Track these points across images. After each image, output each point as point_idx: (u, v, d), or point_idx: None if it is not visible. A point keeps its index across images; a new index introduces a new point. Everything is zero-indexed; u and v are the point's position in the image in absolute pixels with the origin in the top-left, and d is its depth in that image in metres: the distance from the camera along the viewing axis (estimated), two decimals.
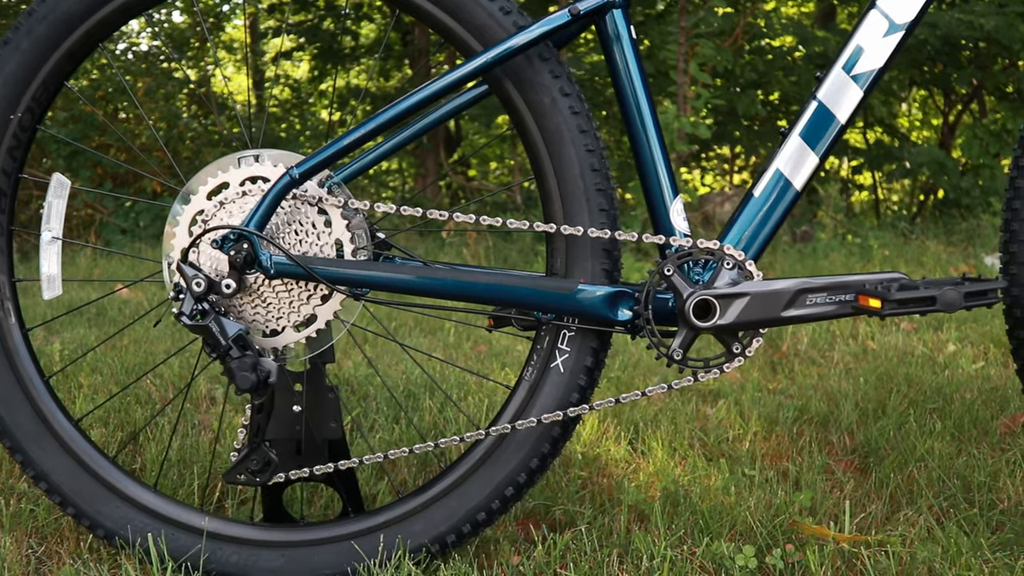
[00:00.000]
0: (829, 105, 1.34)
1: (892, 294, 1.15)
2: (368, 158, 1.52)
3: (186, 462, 1.87)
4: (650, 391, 1.35)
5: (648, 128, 1.36)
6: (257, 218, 1.31)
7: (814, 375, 2.79)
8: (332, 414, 1.50)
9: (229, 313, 1.39)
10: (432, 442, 1.39)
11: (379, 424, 2.21)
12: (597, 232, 1.33)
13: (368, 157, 1.52)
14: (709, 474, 1.87)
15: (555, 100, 1.35)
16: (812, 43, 7.45)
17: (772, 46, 8.06)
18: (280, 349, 1.42)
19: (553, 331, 1.38)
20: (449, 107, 1.50)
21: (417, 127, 1.51)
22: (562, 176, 1.35)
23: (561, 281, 1.33)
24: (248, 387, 1.32)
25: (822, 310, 1.27)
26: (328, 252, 1.37)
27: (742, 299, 1.28)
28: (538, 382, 1.39)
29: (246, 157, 1.40)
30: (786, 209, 1.36)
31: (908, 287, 1.19)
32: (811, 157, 1.35)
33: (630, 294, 1.32)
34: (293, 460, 1.50)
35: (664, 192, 1.37)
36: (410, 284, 1.31)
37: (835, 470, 1.89)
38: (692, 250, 1.32)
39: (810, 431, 2.14)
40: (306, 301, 1.39)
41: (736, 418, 2.28)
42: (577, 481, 1.85)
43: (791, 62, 8.01)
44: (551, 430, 1.39)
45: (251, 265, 1.32)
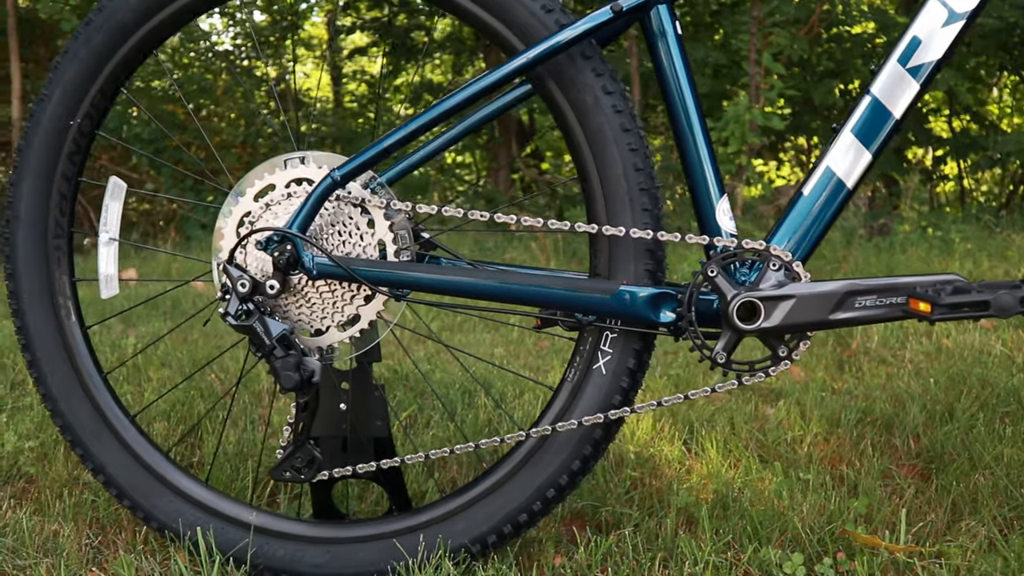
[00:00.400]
0: (884, 100, 1.29)
1: (943, 298, 1.10)
2: (413, 159, 1.53)
3: (242, 456, 1.91)
4: (693, 395, 1.32)
5: (694, 126, 1.34)
6: (300, 220, 1.33)
7: (883, 375, 2.70)
8: (378, 412, 1.52)
9: (275, 313, 1.41)
10: (473, 443, 1.39)
11: (435, 421, 2.23)
12: (639, 232, 1.31)
13: (413, 158, 1.53)
14: (763, 477, 1.83)
15: (598, 99, 1.33)
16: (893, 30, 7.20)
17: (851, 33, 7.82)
18: (325, 348, 1.43)
19: (595, 333, 1.37)
20: (493, 107, 1.49)
21: (461, 128, 1.51)
22: (605, 176, 1.34)
23: (602, 283, 1.31)
24: (291, 386, 1.34)
25: (871, 313, 1.23)
26: (371, 253, 1.38)
27: (788, 301, 1.24)
28: (580, 384, 1.38)
29: (292, 159, 1.42)
30: (837, 209, 1.31)
31: (961, 290, 1.14)
32: (864, 155, 1.30)
33: (673, 295, 1.30)
34: (339, 457, 1.52)
35: (710, 191, 1.34)
36: (450, 285, 1.31)
37: (896, 475, 1.83)
38: (737, 250, 1.29)
39: (872, 434, 2.08)
40: (349, 301, 1.40)
41: (796, 419, 2.22)
42: (628, 482, 1.83)
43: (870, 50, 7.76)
44: (593, 432, 1.38)
45: (295, 266, 1.34)
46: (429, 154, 1.53)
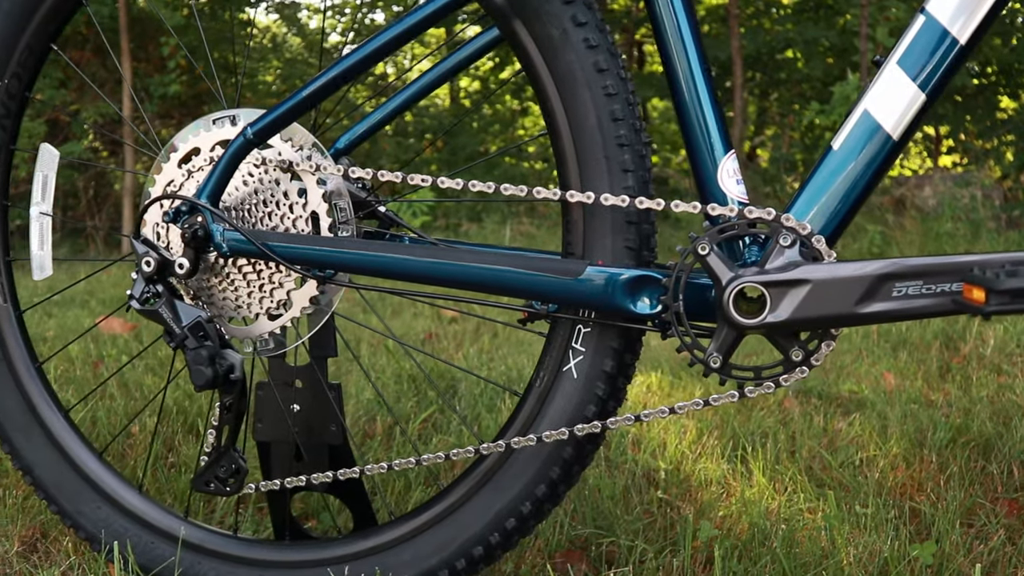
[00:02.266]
0: (944, 20, 0.97)
1: (1003, 281, 0.78)
2: (372, 120, 1.30)
3: None
4: (681, 407, 1.03)
5: (692, 66, 1.05)
6: (210, 187, 1.12)
7: (993, 385, 2.29)
8: (333, 416, 1.30)
9: (199, 297, 1.21)
10: (414, 458, 1.14)
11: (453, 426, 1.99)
12: (613, 199, 1.02)
13: (372, 119, 1.30)
14: (815, 508, 1.51)
15: (567, 32, 1.06)
16: None
17: None
18: (256, 339, 1.22)
19: (567, 327, 1.09)
20: (457, 57, 1.25)
21: (422, 82, 1.27)
22: (577, 128, 1.06)
23: (566, 263, 1.04)
24: (203, 383, 1.13)
25: (915, 304, 0.91)
26: (301, 227, 1.16)
27: (801, 288, 0.94)
28: (549, 390, 1.11)
29: (221, 118, 1.21)
30: (879, 167, 0.99)
31: None
32: (915, 94, 0.98)
33: (656, 280, 1.01)
34: (292, 467, 1.31)
35: (711, 146, 1.04)
36: (378, 265, 1.07)
37: (985, 513, 1.46)
38: (737, 220, 0.99)
39: (964, 458, 1.70)
40: (279, 285, 1.18)
41: (873, 436, 1.87)
42: (653, 505, 1.54)
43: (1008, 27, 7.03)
44: (562, 451, 1.10)
45: (208, 241, 1.13)
46: (389, 115, 1.30)
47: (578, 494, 1.56)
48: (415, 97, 1.29)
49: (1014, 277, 0.78)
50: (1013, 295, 0.77)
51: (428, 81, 1.28)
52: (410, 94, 1.29)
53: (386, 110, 1.30)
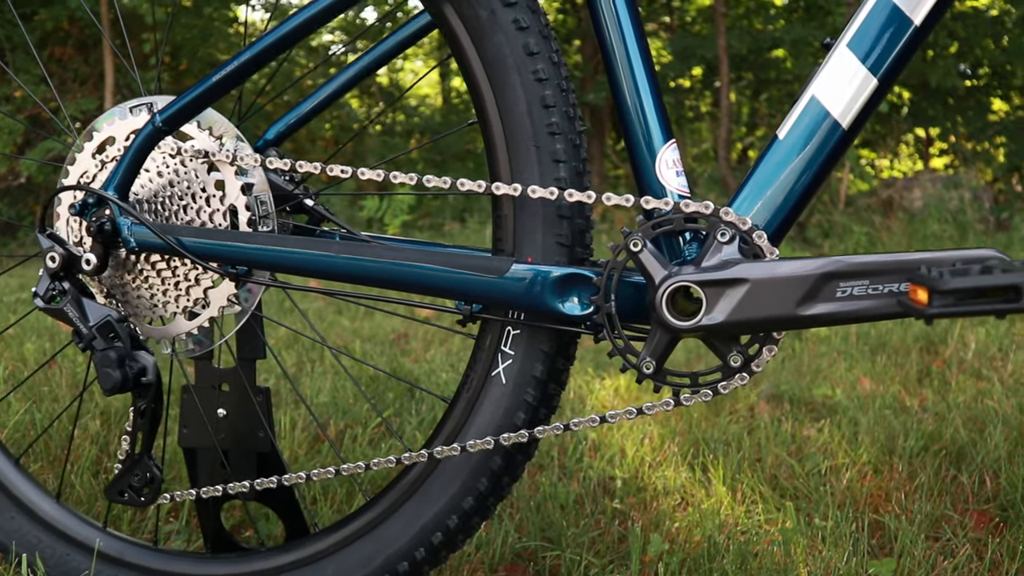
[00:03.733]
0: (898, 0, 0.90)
1: (946, 281, 0.71)
2: (303, 109, 1.23)
3: None
4: (613, 416, 0.96)
5: (630, 49, 0.98)
6: (118, 178, 1.04)
7: (971, 391, 2.22)
8: (260, 421, 1.23)
9: (114, 295, 1.13)
10: (334, 467, 1.07)
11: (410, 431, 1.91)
12: (541, 191, 0.95)
13: (302, 108, 1.23)
14: (774, 519, 1.44)
15: (495, 12, 0.98)
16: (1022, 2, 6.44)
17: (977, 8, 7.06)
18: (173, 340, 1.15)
19: (496, 328, 1.02)
20: (388, 44, 1.18)
21: (354, 69, 1.20)
22: (506, 115, 0.99)
23: (490, 260, 0.97)
24: (111, 387, 1.05)
25: (860, 306, 0.84)
26: (219, 221, 1.08)
27: (738, 288, 0.87)
28: (477, 395, 1.03)
29: (139, 106, 1.14)
30: (827, 158, 0.92)
31: (985, 271, 0.73)
32: (866, 79, 0.91)
33: (588, 278, 0.94)
34: (218, 475, 1.24)
35: (649, 136, 0.97)
36: (296, 261, 1.00)
37: (954, 526, 1.39)
38: (673, 214, 0.92)
39: (934, 467, 1.64)
40: (195, 282, 1.11)
41: (842, 443, 1.80)
42: (608, 516, 1.47)
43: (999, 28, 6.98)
44: (490, 461, 1.03)
45: (115, 236, 1.05)
46: (319, 104, 1.23)
47: (527, 503, 1.48)
48: (348, 85, 1.22)
49: (959, 276, 0.71)
50: (958, 296, 0.70)
51: (361, 68, 1.21)
52: (342, 82, 1.22)
53: (317, 99, 1.23)
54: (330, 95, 1.23)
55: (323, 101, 1.24)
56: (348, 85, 1.22)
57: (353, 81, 1.22)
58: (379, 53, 1.20)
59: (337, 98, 1.23)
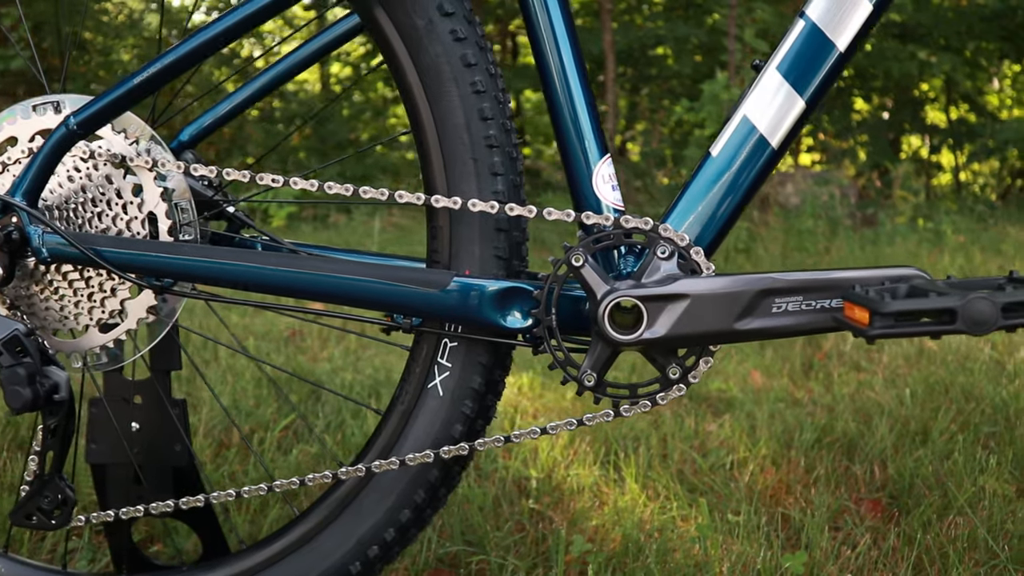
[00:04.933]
0: (823, 26, 0.94)
1: (887, 303, 0.75)
2: (218, 111, 1.19)
3: None
4: (553, 428, 0.97)
5: (566, 64, 0.99)
6: (27, 183, 0.98)
7: (853, 383, 2.35)
8: (176, 435, 1.18)
9: (18, 306, 1.06)
10: (266, 484, 1.04)
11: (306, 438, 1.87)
12: (481, 204, 0.95)
13: (218, 110, 1.19)
14: (688, 515, 1.49)
15: (432, 22, 0.97)
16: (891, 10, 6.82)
17: None
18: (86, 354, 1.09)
19: (432, 340, 1.02)
20: (314, 45, 1.15)
21: (276, 71, 1.17)
22: (443, 127, 0.98)
23: (430, 273, 0.96)
24: (21, 405, 0.99)
25: (795, 321, 0.88)
26: (137, 229, 1.03)
27: (679, 303, 0.89)
28: (412, 408, 1.03)
29: (44, 104, 1.07)
30: (757, 175, 0.96)
31: (916, 292, 0.78)
32: (795, 101, 0.95)
33: (527, 292, 0.95)
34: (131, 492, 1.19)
35: (585, 150, 0.98)
36: (222, 273, 0.96)
37: (852, 516, 1.48)
38: (613, 230, 0.93)
39: (829, 459, 1.73)
40: (111, 293, 1.05)
41: (743, 438, 1.87)
42: (525, 517, 1.49)
43: None
44: (427, 473, 1.03)
45: (25, 245, 0.99)
46: (239, 105, 1.18)
47: (447, 507, 1.48)
48: (270, 85, 1.18)
49: (899, 299, 0.75)
50: (897, 318, 0.75)
51: (284, 68, 1.18)
52: (264, 82, 1.18)
53: (236, 99, 1.19)
54: (249, 97, 1.19)
55: (242, 103, 1.19)
56: (269, 87, 1.18)
57: (274, 83, 1.18)
58: (303, 55, 1.17)
59: (257, 100, 1.19)
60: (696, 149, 5.09)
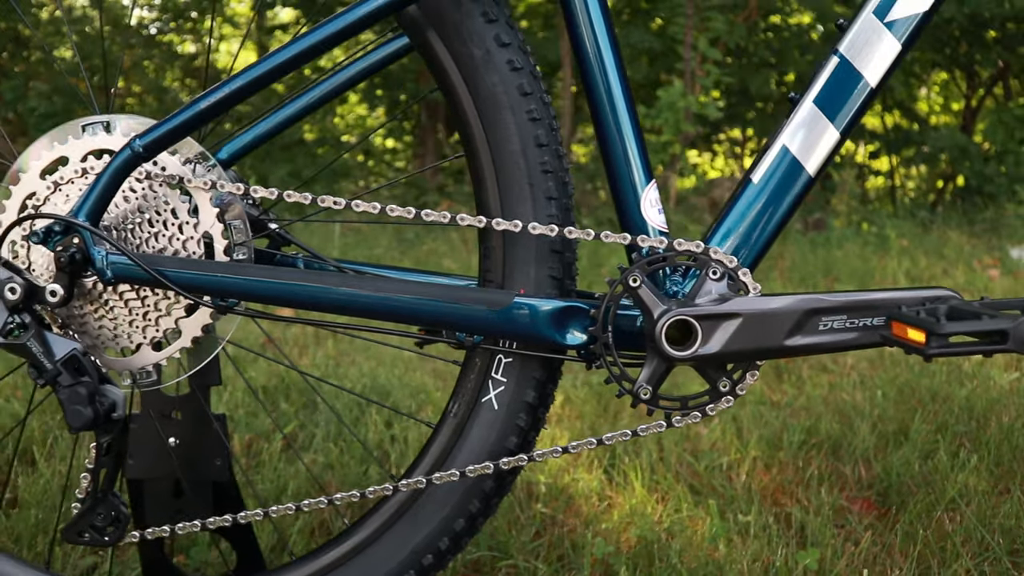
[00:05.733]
0: (855, 62, 1.01)
1: (942, 325, 0.82)
2: (260, 129, 1.21)
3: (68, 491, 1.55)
4: (609, 439, 1.02)
5: (614, 93, 1.04)
6: (90, 204, 0.99)
7: (824, 384, 2.46)
8: (217, 449, 1.20)
9: (69, 325, 1.07)
10: (327, 497, 1.07)
11: (317, 443, 1.90)
12: (541, 228, 1.00)
13: (259, 128, 1.21)
14: (696, 516, 1.55)
15: (490, 52, 1.02)
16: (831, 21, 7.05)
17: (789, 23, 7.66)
18: (138, 372, 1.10)
19: (485, 356, 1.06)
20: (361, 65, 1.18)
21: (320, 91, 1.19)
22: (498, 153, 1.03)
23: (492, 293, 1.00)
24: (81, 424, 1.00)
25: (841, 338, 0.94)
26: (193, 249, 1.05)
27: (732, 321, 0.95)
28: (466, 421, 1.07)
29: (93, 124, 1.08)
30: (795, 200, 1.03)
31: (964, 315, 0.85)
32: (829, 131, 1.01)
33: (584, 311, 1.00)
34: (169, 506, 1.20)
35: (634, 176, 1.04)
36: (287, 294, 0.99)
37: (849, 515, 1.56)
38: (668, 253, 0.99)
39: (819, 459, 1.82)
40: (166, 312, 1.07)
41: (733, 440, 1.95)
42: (538, 522, 1.54)
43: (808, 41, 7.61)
44: (482, 483, 1.07)
45: (86, 266, 1.00)
46: (280, 124, 1.21)
47: None
48: (311, 106, 1.21)
49: (955, 321, 0.82)
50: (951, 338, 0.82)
51: (327, 89, 1.20)
52: (305, 103, 1.21)
53: (277, 119, 1.21)
54: (292, 115, 1.21)
55: (282, 122, 1.22)
56: (312, 106, 1.21)
57: (318, 103, 1.21)
58: (348, 75, 1.20)
59: (299, 119, 1.21)
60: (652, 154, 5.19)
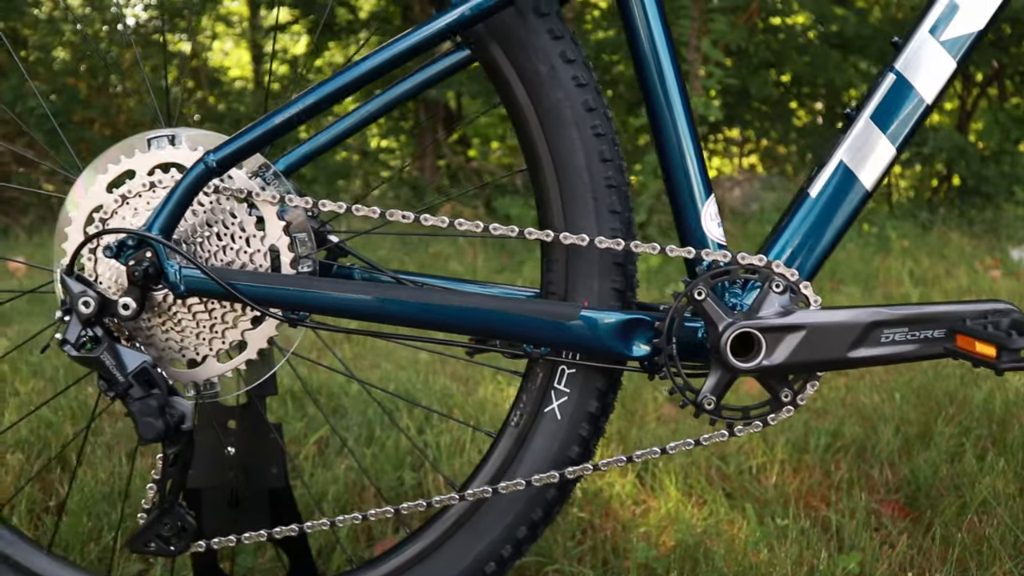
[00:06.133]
0: (912, 80, 1.03)
1: (1014, 340, 0.85)
2: (318, 141, 1.22)
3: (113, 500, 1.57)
4: (673, 447, 1.04)
5: (675, 108, 1.06)
6: (163, 218, 1.01)
7: (841, 387, 2.49)
8: (273, 458, 1.22)
9: (134, 337, 1.09)
10: (393, 507, 1.09)
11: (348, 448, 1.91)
12: (608, 242, 1.02)
13: (318, 140, 1.22)
14: (732, 520, 1.58)
15: (555, 68, 1.04)
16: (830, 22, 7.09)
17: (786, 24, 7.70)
18: (203, 383, 1.12)
19: (547, 367, 1.08)
20: (420, 77, 1.20)
21: (377, 104, 1.21)
22: (563, 167, 1.05)
23: (559, 306, 1.02)
24: (153, 436, 1.02)
25: (903, 350, 0.97)
26: (260, 262, 1.07)
27: (796, 333, 0.98)
28: (528, 430, 1.09)
29: (159, 138, 1.09)
30: (852, 214, 1.05)
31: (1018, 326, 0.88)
32: (886, 146, 1.04)
33: (649, 323, 1.02)
34: (225, 515, 1.22)
35: (695, 190, 1.06)
36: (364, 308, 1.01)
37: (883, 518, 1.59)
38: (731, 266, 1.01)
39: (846, 463, 1.85)
40: (232, 324, 1.09)
41: (759, 443, 1.98)
42: (576, 526, 1.56)
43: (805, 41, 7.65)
44: (545, 492, 1.09)
45: (157, 279, 1.02)
46: (338, 136, 1.22)
47: None
48: (369, 117, 1.22)
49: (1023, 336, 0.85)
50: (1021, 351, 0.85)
51: (386, 101, 1.21)
52: (363, 115, 1.22)
53: (335, 131, 1.22)
54: (350, 127, 1.22)
55: (340, 133, 1.23)
56: (364, 121, 1.22)
57: (371, 117, 1.22)
58: (406, 87, 1.21)
59: (358, 130, 1.23)
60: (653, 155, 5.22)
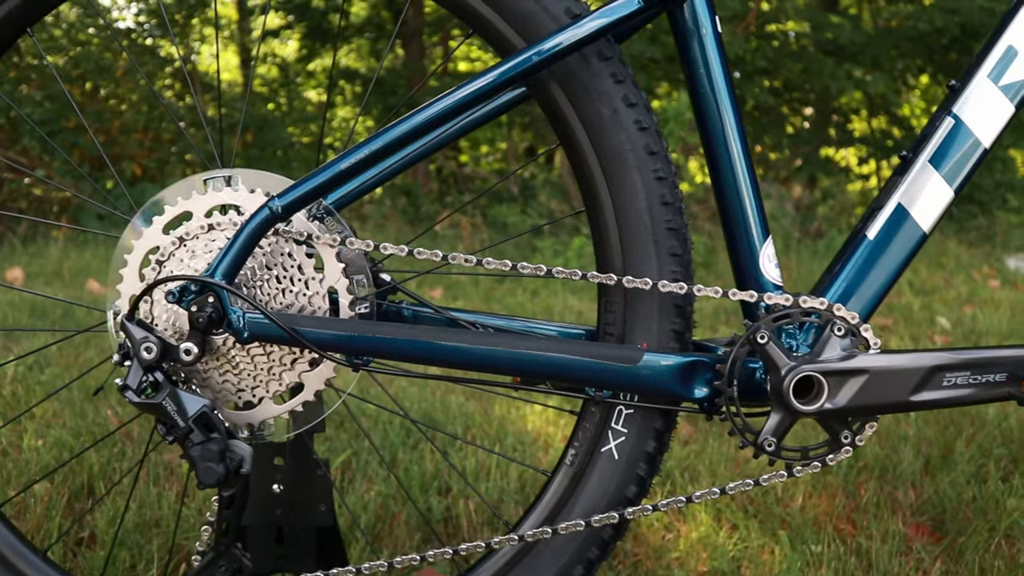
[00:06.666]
0: (970, 124, 1.05)
1: None
2: (369, 179, 1.22)
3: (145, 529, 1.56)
4: (732, 488, 1.05)
5: (732, 147, 1.07)
6: (226, 264, 1.00)
7: None
8: (321, 495, 1.21)
9: (191, 380, 1.08)
10: (451, 548, 1.09)
11: (372, 471, 1.91)
12: (671, 286, 1.03)
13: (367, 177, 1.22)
14: (764, 544, 1.59)
15: (617, 112, 1.04)
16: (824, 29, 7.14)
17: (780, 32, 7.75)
18: (257, 425, 1.12)
19: (605, 407, 1.08)
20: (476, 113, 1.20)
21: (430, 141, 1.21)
22: (623, 210, 1.05)
23: (621, 349, 1.03)
24: (214, 481, 1.02)
25: (964, 393, 0.98)
26: (319, 304, 1.07)
27: (859, 377, 0.99)
28: (584, 469, 1.09)
29: (215, 179, 1.09)
30: (909, 256, 1.06)
31: None
32: (943, 189, 1.05)
33: (709, 365, 1.03)
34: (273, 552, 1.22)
35: (753, 233, 1.07)
36: (428, 352, 1.01)
37: (913, 542, 1.61)
38: (792, 310, 1.02)
39: (871, 485, 1.86)
40: (290, 367, 1.08)
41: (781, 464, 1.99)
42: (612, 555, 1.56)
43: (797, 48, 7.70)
44: (601, 532, 1.10)
45: (219, 324, 1.01)
46: (389, 174, 1.22)
47: None
48: (421, 154, 1.22)
49: None
50: None
51: (437, 138, 1.21)
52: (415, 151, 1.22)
53: (384, 166, 1.22)
54: (399, 164, 1.23)
55: (391, 170, 1.23)
56: (421, 155, 1.22)
57: (426, 152, 1.22)
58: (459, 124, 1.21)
59: (407, 167, 1.23)
60: None
